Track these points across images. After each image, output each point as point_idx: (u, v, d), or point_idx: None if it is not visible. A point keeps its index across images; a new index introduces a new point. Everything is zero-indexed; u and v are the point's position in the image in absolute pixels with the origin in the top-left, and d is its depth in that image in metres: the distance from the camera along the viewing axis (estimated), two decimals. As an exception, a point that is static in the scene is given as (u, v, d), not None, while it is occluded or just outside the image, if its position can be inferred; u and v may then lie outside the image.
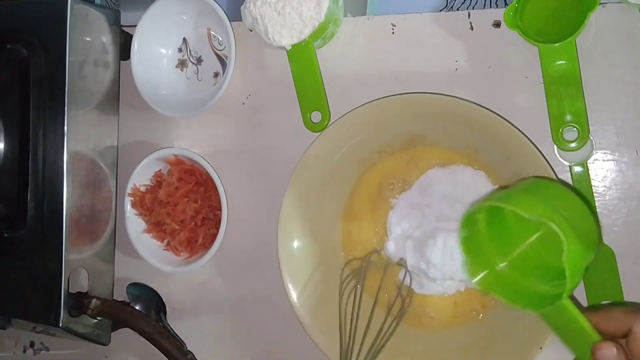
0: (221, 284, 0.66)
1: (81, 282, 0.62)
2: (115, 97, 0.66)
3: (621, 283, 0.52)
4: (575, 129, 0.50)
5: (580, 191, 0.53)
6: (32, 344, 0.74)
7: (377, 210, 0.59)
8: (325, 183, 0.58)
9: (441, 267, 0.53)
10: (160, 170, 0.66)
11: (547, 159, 0.50)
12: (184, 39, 0.66)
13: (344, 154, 0.57)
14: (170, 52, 0.67)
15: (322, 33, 0.57)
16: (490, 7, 0.57)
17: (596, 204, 0.52)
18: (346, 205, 0.60)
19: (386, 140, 0.57)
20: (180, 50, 0.67)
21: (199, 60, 0.66)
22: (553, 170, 0.49)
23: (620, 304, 0.51)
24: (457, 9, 0.57)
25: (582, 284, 0.52)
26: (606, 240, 0.52)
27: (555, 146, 0.53)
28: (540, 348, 0.49)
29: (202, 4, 0.61)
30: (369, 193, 0.60)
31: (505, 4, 0.56)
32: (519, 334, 0.52)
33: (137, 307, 0.65)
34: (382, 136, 0.57)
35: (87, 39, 0.61)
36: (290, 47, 0.57)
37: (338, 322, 0.55)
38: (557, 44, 0.50)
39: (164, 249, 0.66)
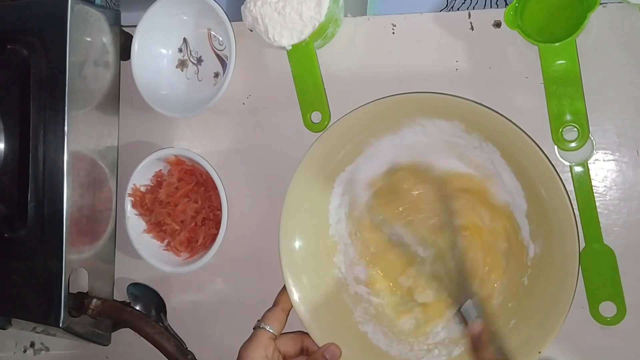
0: (221, 284, 0.66)
1: (81, 282, 0.62)
2: (116, 97, 0.66)
3: (621, 283, 0.52)
4: (575, 128, 0.50)
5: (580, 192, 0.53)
6: (32, 344, 0.74)
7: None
8: (327, 182, 0.58)
9: None
10: (160, 170, 0.66)
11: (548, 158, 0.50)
12: (184, 39, 0.66)
13: (345, 153, 0.57)
14: (170, 52, 0.67)
15: (322, 33, 0.57)
16: (491, 7, 0.56)
17: (597, 204, 0.52)
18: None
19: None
20: (180, 50, 0.67)
21: (199, 61, 0.66)
22: (555, 169, 0.49)
23: None
24: (458, 9, 0.57)
25: (582, 284, 0.52)
26: (607, 240, 0.52)
27: (555, 146, 0.53)
28: (539, 352, 0.49)
29: (202, 4, 0.61)
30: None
31: (506, 4, 0.56)
32: (518, 338, 0.52)
33: (137, 307, 0.65)
34: (383, 136, 0.56)
35: (88, 39, 0.61)
36: (290, 47, 0.57)
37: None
38: (557, 44, 0.49)
39: (164, 249, 0.66)
